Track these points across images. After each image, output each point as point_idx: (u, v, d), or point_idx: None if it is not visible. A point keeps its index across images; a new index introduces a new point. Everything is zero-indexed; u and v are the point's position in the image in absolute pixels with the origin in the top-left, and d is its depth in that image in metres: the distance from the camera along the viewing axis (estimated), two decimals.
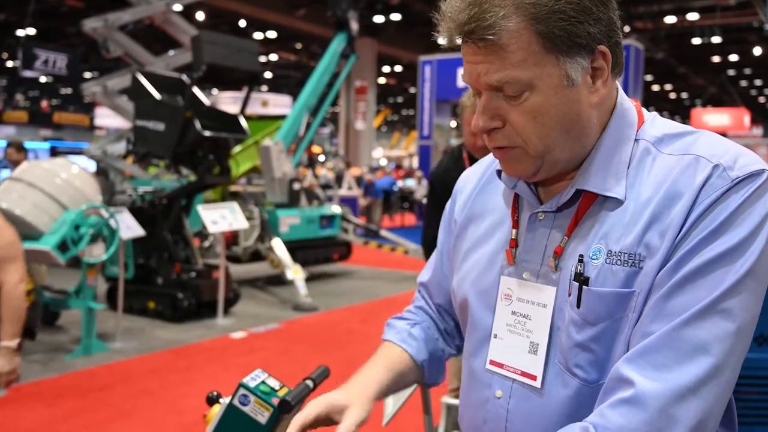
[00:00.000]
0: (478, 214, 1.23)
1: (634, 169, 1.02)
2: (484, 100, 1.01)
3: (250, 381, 1.21)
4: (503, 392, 1.10)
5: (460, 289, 1.22)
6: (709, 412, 0.88)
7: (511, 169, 1.06)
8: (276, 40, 26.11)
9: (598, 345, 0.99)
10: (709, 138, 1.01)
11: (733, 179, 0.93)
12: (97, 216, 5.72)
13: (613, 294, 0.97)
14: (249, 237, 9.00)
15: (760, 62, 26.70)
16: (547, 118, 0.98)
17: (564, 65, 0.97)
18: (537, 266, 1.08)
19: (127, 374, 5.37)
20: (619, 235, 0.99)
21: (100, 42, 10.24)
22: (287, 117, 10.63)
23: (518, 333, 1.09)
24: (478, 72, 0.99)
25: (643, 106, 1.15)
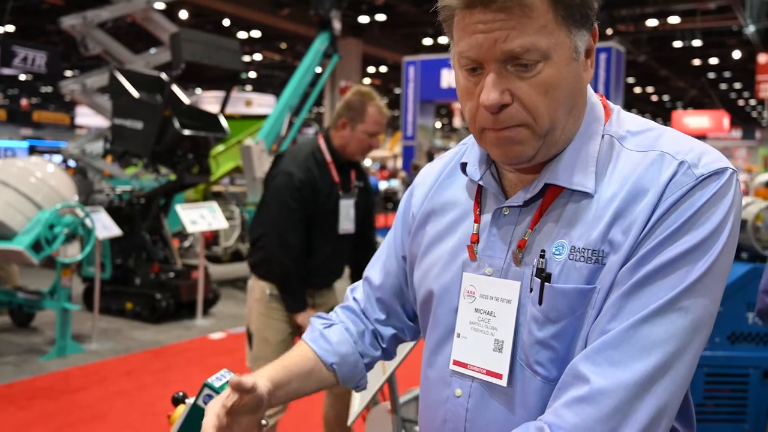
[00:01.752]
0: (438, 209, 1.20)
1: (600, 164, 1.00)
2: (494, 75, 0.94)
3: (214, 381, 1.19)
4: (463, 391, 1.08)
5: (421, 285, 1.19)
6: (663, 408, 0.88)
7: (513, 152, 0.99)
8: (260, 39, 26.00)
9: (559, 342, 0.97)
10: (673, 135, 1.00)
11: (698, 177, 0.93)
12: (73, 215, 5.65)
13: (575, 291, 0.96)
14: (229, 237, 8.94)
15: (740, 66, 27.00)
16: (558, 93, 0.96)
17: (574, 37, 0.96)
18: (501, 262, 1.06)
19: (102, 376, 5.29)
20: (583, 231, 0.97)
21: (78, 39, 10.13)
22: (269, 116, 10.58)
23: (482, 331, 1.06)
24: (495, 38, 0.92)
25: (624, 107, 1.13)
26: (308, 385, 1.25)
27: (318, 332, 1.30)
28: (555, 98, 0.95)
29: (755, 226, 3.64)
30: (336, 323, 1.33)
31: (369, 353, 1.32)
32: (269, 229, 3.01)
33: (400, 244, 1.31)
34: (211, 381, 1.18)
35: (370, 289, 1.36)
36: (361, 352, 1.31)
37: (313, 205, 3.01)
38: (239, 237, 8.96)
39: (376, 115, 3.03)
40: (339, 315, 1.36)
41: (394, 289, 1.32)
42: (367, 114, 3.01)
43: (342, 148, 3.08)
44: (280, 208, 2.97)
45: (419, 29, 24.44)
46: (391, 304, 1.33)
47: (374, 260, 1.38)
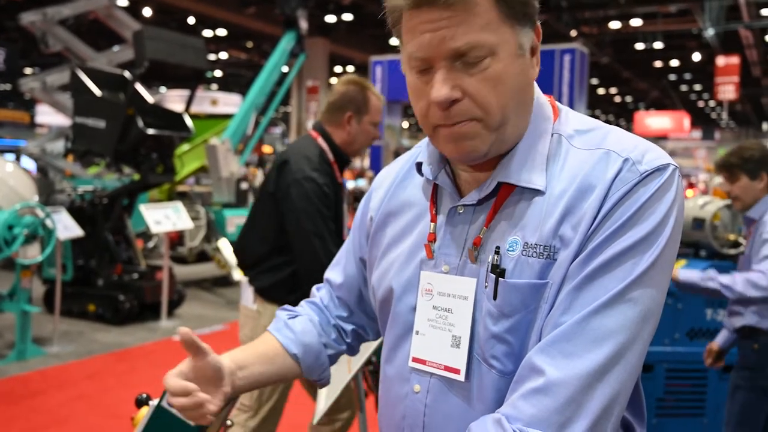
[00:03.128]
0: (396, 210, 1.22)
1: (550, 162, 1.03)
2: (444, 70, 0.97)
3: None
4: (421, 387, 1.10)
5: (380, 285, 1.20)
6: (615, 397, 0.90)
7: (467, 147, 1.01)
8: (226, 38, 25.77)
9: (514, 336, 0.99)
10: (618, 133, 1.04)
11: (641, 173, 0.96)
12: (32, 216, 5.53)
13: (528, 285, 0.98)
14: (195, 237, 8.86)
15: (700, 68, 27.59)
16: (506, 86, 0.98)
17: (518, 34, 0.99)
18: (457, 259, 1.08)
19: (63, 379, 5.20)
20: (535, 227, 1.00)
21: (38, 36, 9.92)
22: (234, 116, 10.49)
23: (440, 327, 1.08)
24: (443, 36, 0.95)
25: (588, 108, 1.16)
26: (271, 371, 1.26)
27: (282, 322, 1.33)
28: (503, 92, 0.98)
29: (713, 225, 3.72)
30: (301, 315, 1.36)
31: (333, 346, 1.36)
32: (309, 246, 2.62)
33: (358, 247, 1.34)
34: None
35: (332, 289, 1.40)
36: (325, 343, 1.34)
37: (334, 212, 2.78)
38: (205, 237, 8.88)
39: (378, 103, 2.84)
40: (304, 308, 1.39)
41: (354, 291, 1.37)
42: (370, 103, 2.80)
43: (347, 144, 2.83)
44: (316, 218, 2.63)
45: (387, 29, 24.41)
46: (351, 303, 1.38)
47: (334, 263, 1.42)
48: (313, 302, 1.41)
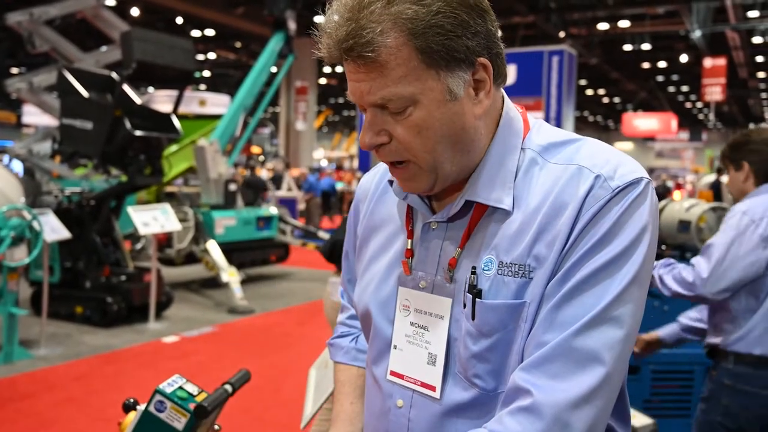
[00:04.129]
0: (376, 225, 1.23)
1: (521, 179, 1.03)
2: (369, 117, 1.00)
3: (166, 387, 1.19)
4: (404, 402, 1.10)
5: (361, 300, 1.21)
6: (600, 415, 0.92)
7: (409, 187, 1.06)
8: (214, 38, 25.69)
9: (494, 355, 1.00)
10: (591, 147, 1.03)
11: (613, 189, 0.96)
12: (19, 218, 5.50)
13: (505, 305, 0.99)
14: (183, 239, 8.82)
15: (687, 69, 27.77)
16: (431, 132, 0.98)
17: (445, 79, 0.97)
18: (432, 276, 1.09)
19: (51, 382, 5.17)
20: (509, 246, 1.00)
21: (25, 36, 9.84)
22: (223, 117, 10.47)
23: (417, 344, 1.09)
24: (361, 90, 0.98)
25: (577, 109, 1.15)
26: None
27: (354, 350, 1.35)
28: (429, 137, 0.99)
29: (698, 227, 3.75)
30: (357, 333, 1.38)
31: None
32: None
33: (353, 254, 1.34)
34: (162, 387, 1.18)
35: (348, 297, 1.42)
36: None
37: None
38: (193, 239, 8.84)
39: None
40: (353, 324, 1.40)
41: None
42: None
43: None
44: None
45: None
46: None
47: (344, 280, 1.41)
48: (355, 316, 1.39)
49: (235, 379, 1.32)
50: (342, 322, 1.42)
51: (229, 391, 1.27)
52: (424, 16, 0.93)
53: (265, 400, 4.78)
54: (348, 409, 1.29)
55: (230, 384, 1.29)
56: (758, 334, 2.34)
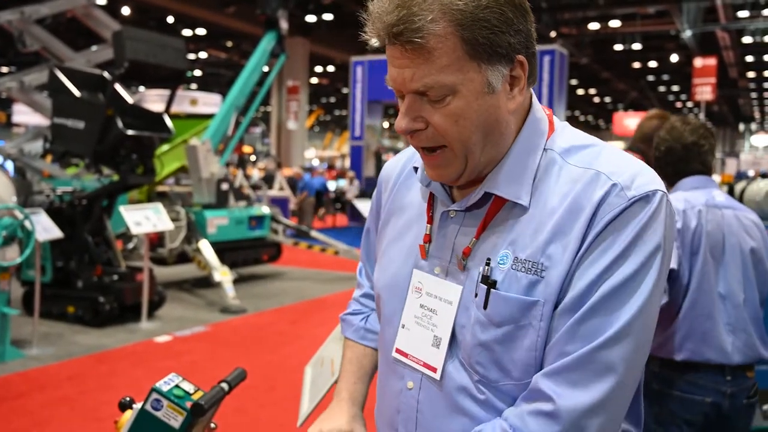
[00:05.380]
0: (398, 209, 1.27)
1: (541, 178, 1.06)
2: (407, 103, 1.03)
3: (162, 385, 1.19)
4: (414, 384, 1.14)
5: (378, 280, 1.25)
6: (614, 421, 0.99)
7: (439, 175, 1.08)
8: (205, 37, 25.65)
9: (501, 346, 1.03)
10: (611, 154, 1.06)
11: (629, 198, 0.99)
12: (11, 217, 5.48)
13: (518, 300, 1.02)
14: (175, 238, 8.80)
15: (677, 69, 27.92)
16: (468, 122, 1.01)
17: (485, 72, 1.00)
18: (446, 263, 1.12)
19: (43, 382, 5.16)
20: (526, 243, 1.03)
21: (15, 35, 9.80)
22: (215, 116, 10.45)
23: (424, 326, 1.13)
24: (404, 77, 1.00)
25: (568, 109, 1.19)
26: (370, 379, 1.39)
27: (362, 329, 1.41)
28: (465, 127, 1.02)
29: None
30: (369, 312, 1.43)
31: None
32: None
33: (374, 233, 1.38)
34: (159, 386, 1.18)
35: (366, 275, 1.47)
36: None
37: None
38: (185, 238, 8.83)
39: None
40: (366, 303, 1.45)
41: None
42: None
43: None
44: None
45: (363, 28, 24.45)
46: None
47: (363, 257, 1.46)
48: (367, 294, 1.46)
49: (231, 377, 1.33)
50: (356, 299, 1.47)
51: (226, 390, 1.28)
52: (474, 9, 0.97)
53: (258, 398, 4.79)
54: (351, 387, 1.34)
55: (226, 382, 1.30)
56: (678, 341, 2.29)
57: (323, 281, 10.10)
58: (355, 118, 19.44)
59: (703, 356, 2.26)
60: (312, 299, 8.74)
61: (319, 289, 9.47)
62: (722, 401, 2.27)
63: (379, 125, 20.79)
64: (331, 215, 19.97)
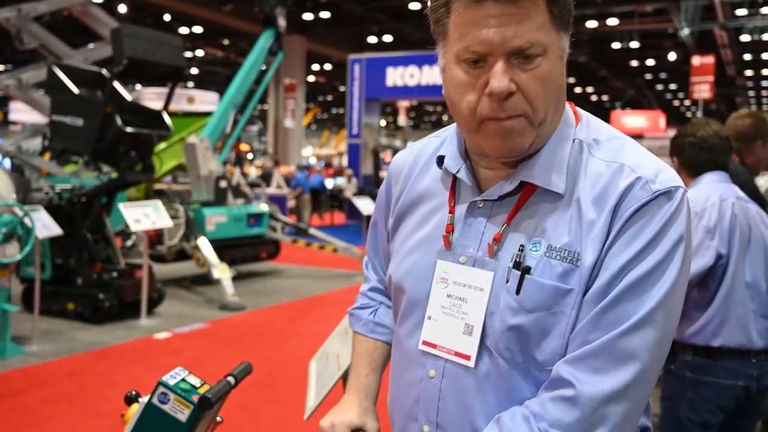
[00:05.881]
0: (415, 201, 1.26)
1: (572, 168, 1.08)
2: (502, 64, 1.00)
3: (169, 379, 1.20)
4: (436, 372, 1.14)
5: (396, 272, 1.25)
6: (635, 409, 1.00)
7: (514, 143, 1.05)
8: (202, 35, 25.62)
9: (530, 332, 1.04)
10: (635, 148, 1.09)
11: (654, 192, 1.01)
12: (11, 214, 5.48)
13: (553, 287, 1.03)
14: (174, 236, 8.81)
15: (675, 67, 27.95)
16: (551, 85, 1.04)
17: (561, 38, 1.05)
18: (473, 252, 1.12)
19: (43, 378, 5.16)
20: (560, 232, 1.05)
21: (13, 33, 9.78)
22: (213, 114, 10.45)
23: (453, 315, 1.13)
24: (505, 36, 0.99)
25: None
26: (382, 371, 1.39)
27: (371, 323, 1.40)
28: (549, 90, 1.04)
29: None
30: (377, 306, 1.43)
31: None
32: None
33: (385, 237, 1.37)
34: (165, 379, 1.19)
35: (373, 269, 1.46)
36: None
37: None
38: (184, 236, 8.83)
39: None
40: (374, 297, 1.45)
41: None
42: None
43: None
44: None
45: (364, 27, 24.46)
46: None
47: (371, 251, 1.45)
48: (375, 288, 1.45)
49: (237, 371, 1.34)
50: (363, 293, 1.47)
51: (232, 383, 1.29)
52: None
53: (258, 395, 4.80)
54: (363, 380, 1.34)
55: (233, 376, 1.31)
56: (714, 327, 2.39)
57: (321, 278, 10.11)
58: (352, 116, 19.43)
59: (737, 341, 2.37)
60: (310, 296, 8.75)
61: (318, 286, 9.48)
62: (751, 384, 2.39)
63: (377, 123, 20.78)
64: (329, 213, 19.99)
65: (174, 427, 1.18)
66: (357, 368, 1.37)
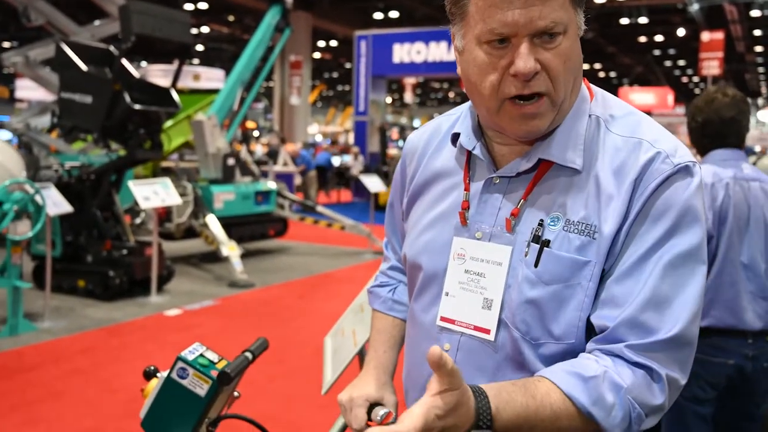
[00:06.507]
0: (430, 180, 1.27)
1: (589, 143, 1.09)
2: (527, 45, 1.02)
3: (188, 354, 1.22)
4: (451, 345, 1.16)
5: (411, 249, 1.26)
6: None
7: (535, 125, 1.07)
8: (208, 11, 25.43)
9: (547, 305, 1.06)
10: (651, 123, 1.11)
11: (675, 165, 1.04)
12: (22, 192, 5.51)
13: (571, 259, 1.05)
14: (182, 213, 8.84)
15: (684, 43, 27.66)
16: (572, 63, 1.06)
17: (578, 16, 1.07)
18: (490, 227, 1.14)
19: (56, 354, 5.22)
20: (578, 206, 1.07)
21: (20, 10, 9.71)
22: (221, 91, 10.41)
23: (471, 290, 1.14)
24: (531, 16, 1.00)
25: None
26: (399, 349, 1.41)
27: (390, 300, 1.43)
28: (570, 68, 1.06)
29: None
30: (396, 284, 1.45)
31: None
32: None
33: (401, 217, 1.39)
34: (184, 354, 1.21)
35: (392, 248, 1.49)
36: None
37: None
38: (192, 213, 8.86)
39: None
40: (393, 276, 1.47)
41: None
42: None
43: None
44: None
45: (370, 3, 24.26)
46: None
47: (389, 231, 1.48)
48: (394, 267, 1.47)
49: (255, 346, 1.36)
50: (383, 272, 1.49)
51: (250, 359, 1.31)
52: None
53: (268, 371, 4.85)
54: (381, 356, 1.36)
55: (250, 351, 1.33)
56: (703, 308, 2.38)
57: (329, 256, 10.15)
58: (359, 93, 19.33)
59: (725, 323, 2.35)
60: (318, 274, 8.79)
61: (326, 264, 9.52)
62: (745, 363, 2.36)
63: (383, 100, 20.68)
64: (335, 190, 19.98)
65: (193, 401, 1.20)
66: (375, 344, 1.39)
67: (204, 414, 1.21)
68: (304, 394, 4.46)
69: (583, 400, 0.98)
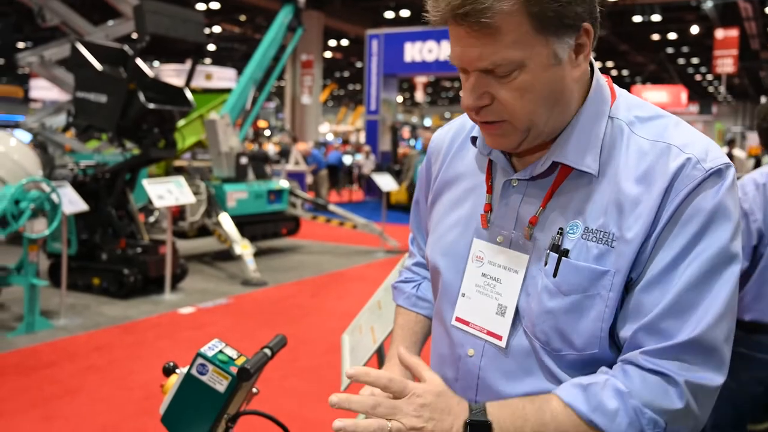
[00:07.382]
0: (452, 180, 1.27)
1: (608, 147, 1.06)
2: (473, 80, 1.02)
3: (207, 350, 1.22)
4: (475, 351, 1.15)
5: (433, 250, 1.26)
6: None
7: (497, 143, 1.08)
8: (220, 11, 25.51)
9: (567, 315, 1.04)
10: (679, 126, 1.07)
11: (707, 170, 0.99)
12: (38, 190, 5.56)
13: (589, 269, 1.02)
14: (196, 212, 8.88)
15: (697, 41, 27.46)
16: (534, 95, 1.01)
17: (552, 45, 0.99)
18: (509, 232, 1.12)
19: (72, 351, 5.27)
20: (596, 213, 1.04)
21: (35, 10, 9.81)
22: (233, 90, 10.46)
23: (487, 294, 1.14)
24: (471, 56, 0.99)
25: None
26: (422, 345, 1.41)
27: (414, 296, 1.43)
28: (531, 100, 1.01)
29: None
30: (420, 281, 1.45)
31: None
32: None
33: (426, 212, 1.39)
34: (204, 351, 1.21)
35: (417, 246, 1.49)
36: None
37: None
38: (205, 212, 8.91)
39: None
40: (418, 272, 1.47)
41: None
42: None
43: None
44: None
45: (381, 2, 24.25)
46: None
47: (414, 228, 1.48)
48: (419, 263, 1.47)
49: (274, 343, 1.36)
50: (408, 268, 1.48)
51: (269, 355, 1.31)
52: None
53: (282, 369, 4.87)
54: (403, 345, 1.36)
55: (269, 348, 1.33)
56: (748, 301, 2.41)
57: (341, 255, 10.17)
58: (370, 92, 19.33)
59: None
60: (331, 273, 8.82)
61: (338, 262, 9.54)
62: None
63: (395, 99, 20.67)
64: (347, 189, 20.00)
65: (213, 397, 1.20)
66: (398, 340, 1.39)
67: (223, 410, 1.21)
68: (318, 392, 4.48)
69: (582, 408, 0.98)
